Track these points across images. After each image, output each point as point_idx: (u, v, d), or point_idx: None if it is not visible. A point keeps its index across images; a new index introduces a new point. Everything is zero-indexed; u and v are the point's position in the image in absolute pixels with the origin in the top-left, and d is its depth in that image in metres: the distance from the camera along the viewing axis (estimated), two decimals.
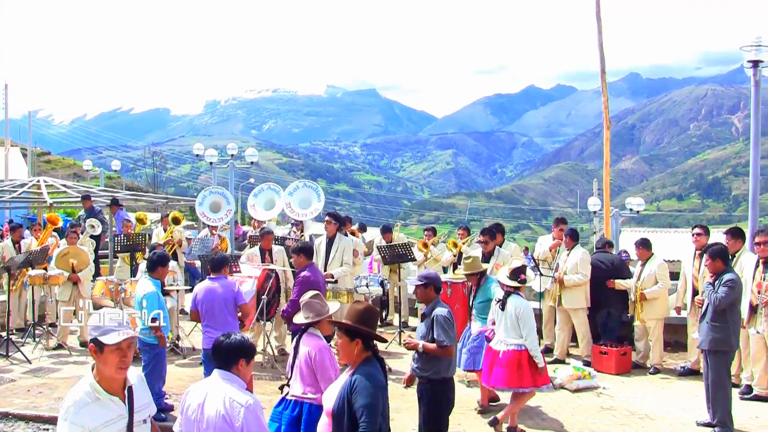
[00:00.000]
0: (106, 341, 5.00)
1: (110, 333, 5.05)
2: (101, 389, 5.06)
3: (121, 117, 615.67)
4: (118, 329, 5.10)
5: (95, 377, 5.10)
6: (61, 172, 68.89)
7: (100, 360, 5.06)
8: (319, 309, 7.70)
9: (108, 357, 5.02)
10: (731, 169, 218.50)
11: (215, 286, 10.45)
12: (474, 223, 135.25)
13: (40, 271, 15.06)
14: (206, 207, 19.37)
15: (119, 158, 59.37)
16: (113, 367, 5.05)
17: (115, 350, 5.01)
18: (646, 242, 14.13)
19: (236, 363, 5.63)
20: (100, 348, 5.03)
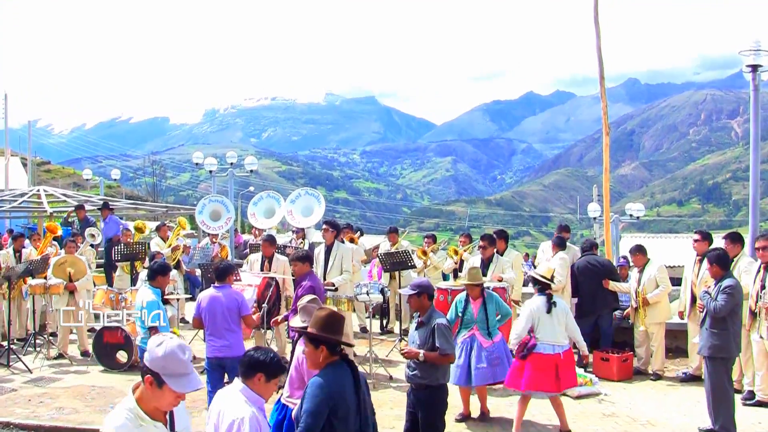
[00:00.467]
0: (173, 387, 4.64)
1: (178, 378, 4.66)
2: (144, 415, 4.69)
3: (121, 126, 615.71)
4: (186, 373, 4.72)
5: (138, 401, 4.72)
6: (61, 181, 68.84)
7: (154, 393, 4.66)
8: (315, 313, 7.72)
9: (165, 394, 4.67)
10: (731, 173, 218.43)
11: (219, 294, 10.45)
12: (474, 230, 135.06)
13: (41, 280, 15.05)
14: (206, 215, 19.39)
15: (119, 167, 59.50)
16: (166, 404, 4.75)
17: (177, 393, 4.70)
18: (642, 248, 14.16)
19: (253, 377, 5.61)
20: (160, 385, 4.64)
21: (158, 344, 4.72)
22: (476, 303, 10.85)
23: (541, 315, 10.13)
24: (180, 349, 4.75)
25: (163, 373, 4.60)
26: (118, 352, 13.97)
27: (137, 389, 4.75)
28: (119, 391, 12.56)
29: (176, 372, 4.65)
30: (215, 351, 10.31)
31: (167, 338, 4.83)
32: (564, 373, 10.11)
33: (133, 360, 13.58)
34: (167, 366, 4.62)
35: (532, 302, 10.33)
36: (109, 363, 13.97)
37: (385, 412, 11.25)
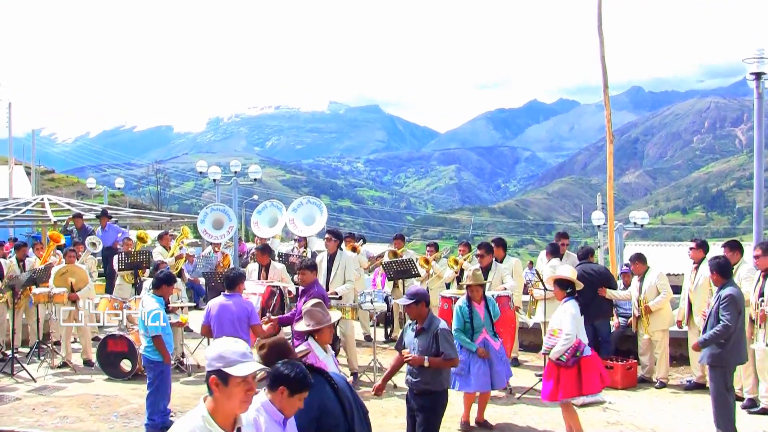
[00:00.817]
0: (234, 373, 4.57)
1: (237, 364, 4.61)
2: (215, 424, 4.61)
3: (124, 135, 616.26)
4: (244, 360, 4.66)
5: (209, 409, 4.64)
6: (65, 190, 68.94)
7: (222, 393, 4.61)
8: (320, 317, 7.69)
9: (233, 390, 4.60)
10: (735, 181, 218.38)
11: (229, 303, 10.47)
12: (478, 238, 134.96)
13: (44, 289, 15.06)
14: (208, 224, 19.39)
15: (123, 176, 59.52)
16: (238, 402, 4.64)
17: (242, 383, 4.59)
18: (641, 256, 14.20)
19: (276, 389, 5.60)
20: (225, 381, 4.59)
21: (210, 348, 4.84)
22: (480, 306, 10.87)
23: (578, 318, 10.16)
24: (231, 340, 4.90)
25: (224, 366, 4.59)
26: (122, 360, 13.96)
27: (206, 400, 4.70)
28: (123, 400, 12.58)
29: (235, 359, 4.62)
30: None
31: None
32: (602, 370, 10.24)
33: (137, 368, 13.57)
34: (224, 356, 4.63)
35: (569, 306, 10.28)
36: (113, 372, 13.95)
37: (389, 420, 11.26)
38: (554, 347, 10.03)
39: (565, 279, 10.50)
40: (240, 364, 4.60)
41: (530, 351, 16.15)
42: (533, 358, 15.60)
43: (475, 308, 10.79)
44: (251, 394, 4.69)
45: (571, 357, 10.01)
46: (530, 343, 16.36)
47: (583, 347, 10.05)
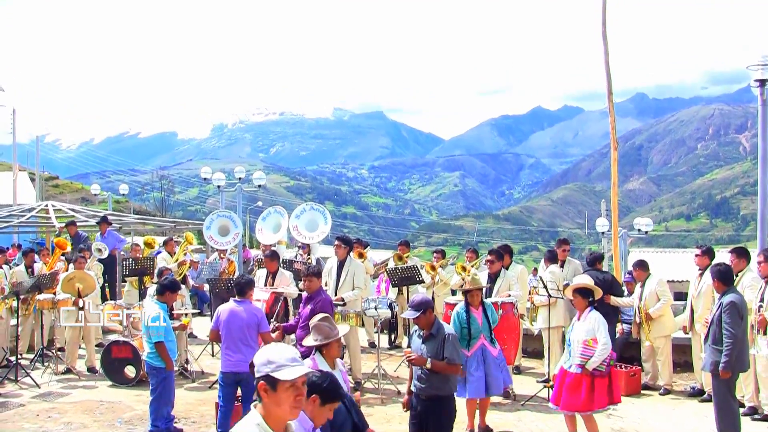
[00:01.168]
0: (282, 377, 4.47)
1: (285, 368, 4.50)
2: (270, 430, 4.50)
3: (129, 141, 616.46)
4: (292, 364, 4.55)
5: (263, 416, 4.54)
6: (69, 196, 68.93)
7: (272, 399, 4.50)
8: (327, 332, 7.68)
9: (282, 396, 4.50)
10: (739, 188, 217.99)
11: (240, 309, 10.44)
12: (482, 244, 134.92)
13: (49, 295, 15.07)
14: (214, 231, 19.37)
15: (127, 182, 59.37)
16: (288, 407, 4.53)
17: (291, 387, 4.49)
18: (642, 263, 14.20)
19: (308, 398, 5.61)
20: (273, 386, 4.49)
21: (259, 353, 4.70)
22: (478, 312, 10.80)
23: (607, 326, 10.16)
24: (280, 345, 4.86)
25: (272, 370, 4.49)
26: (127, 367, 13.96)
27: (257, 407, 4.59)
28: (127, 406, 12.60)
29: (283, 363, 4.51)
30: (231, 365, 10.27)
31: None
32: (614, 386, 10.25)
33: (141, 375, 13.57)
34: (273, 360, 4.53)
35: (598, 315, 10.25)
36: (117, 378, 13.97)
37: (393, 426, 11.27)
38: (592, 358, 9.98)
39: (586, 287, 10.46)
40: (288, 368, 4.51)
41: (534, 358, 16.16)
42: (537, 365, 15.61)
43: (473, 314, 10.72)
44: (301, 399, 4.61)
45: (607, 366, 10.02)
46: (534, 350, 16.36)
47: (614, 356, 10.09)
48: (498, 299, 12.67)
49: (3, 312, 15.62)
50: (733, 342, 9.94)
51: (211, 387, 13.63)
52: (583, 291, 10.43)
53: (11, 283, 15.62)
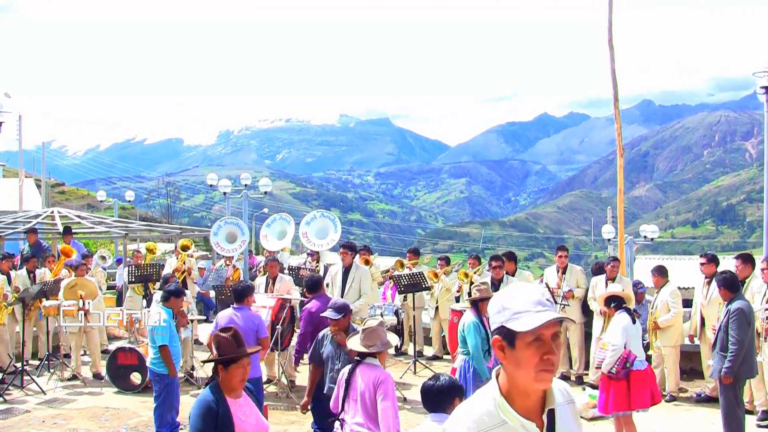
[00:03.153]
0: (519, 327, 3.27)
1: (524, 315, 3.28)
2: (510, 409, 3.34)
3: (135, 147, 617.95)
4: (536, 309, 3.30)
5: (501, 390, 3.40)
6: (75, 203, 69.15)
7: (510, 360, 3.35)
8: (384, 339, 7.64)
9: (521, 354, 3.30)
10: (745, 195, 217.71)
11: (238, 316, 10.45)
12: (488, 251, 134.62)
13: (55, 302, 15.07)
14: (221, 237, 19.37)
15: (133, 189, 59.37)
16: (532, 370, 3.28)
17: (534, 342, 3.27)
18: (662, 269, 14.07)
19: (451, 403, 5.63)
20: (511, 341, 3.34)
21: (493, 299, 3.51)
22: (487, 322, 10.33)
23: (630, 329, 10.12)
24: (523, 284, 3.82)
25: (506, 321, 3.34)
26: (132, 373, 13.95)
27: (499, 375, 3.45)
28: (133, 413, 12.58)
29: (521, 308, 3.31)
30: None
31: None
32: (654, 386, 10.19)
33: (146, 381, 13.56)
34: (507, 305, 3.39)
35: (620, 318, 10.27)
36: (123, 384, 13.96)
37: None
38: (604, 360, 10.03)
39: (615, 295, 10.55)
40: (529, 315, 3.29)
41: None
42: None
43: (486, 324, 10.30)
44: (551, 360, 3.30)
45: (621, 369, 9.99)
46: None
47: (633, 359, 10.01)
48: None
49: (7, 318, 15.63)
50: (737, 348, 9.94)
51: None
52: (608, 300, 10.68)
53: (14, 287, 15.60)
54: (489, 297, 10.44)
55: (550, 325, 3.26)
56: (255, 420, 6.27)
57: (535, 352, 3.24)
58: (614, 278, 14.35)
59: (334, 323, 8.76)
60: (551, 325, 3.26)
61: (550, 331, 3.26)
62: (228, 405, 6.05)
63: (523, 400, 3.34)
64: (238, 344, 6.32)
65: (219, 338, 6.30)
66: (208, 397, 6.04)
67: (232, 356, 6.18)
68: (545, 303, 3.31)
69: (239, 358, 6.21)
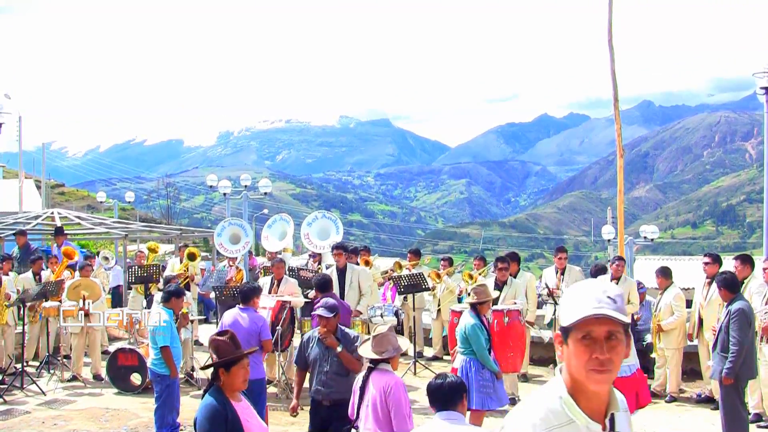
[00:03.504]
0: (566, 321, 3.12)
1: (577, 309, 3.05)
2: (577, 409, 3.12)
3: (135, 148, 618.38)
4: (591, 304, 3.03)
5: (567, 387, 3.17)
6: (75, 204, 69.06)
7: (565, 357, 3.17)
8: (396, 343, 7.65)
9: (572, 351, 3.11)
10: (745, 195, 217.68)
11: (243, 316, 10.45)
12: (488, 252, 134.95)
13: (55, 303, 15.06)
14: (225, 238, 19.35)
15: (133, 190, 59.34)
16: (582, 368, 3.06)
17: (583, 339, 3.05)
18: (666, 271, 14.07)
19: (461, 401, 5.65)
20: (566, 336, 3.14)
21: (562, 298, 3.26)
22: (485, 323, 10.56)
23: None
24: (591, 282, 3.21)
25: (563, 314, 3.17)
26: (132, 374, 13.95)
27: (562, 371, 3.23)
28: (133, 414, 12.59)
29: (577, 303, 3.09)
30: None
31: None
32: (641, 391, 10.14)
33: (147, 382, 13.55)
34: (569, 299, 3.17)
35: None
36: (123, 385, 13.96)
37: None
38: None
39: None
40: (579, 310, 3.07)
41: (540, 365, 16.14)
42: (544, 372, 15.58)
43: (485, 325, 10.44)
44: (600, 359, 3.04)
45: None
46: (540, 357, 16.35)
47: None
48: (504, 307, 12.63)
49: (9, 319, 15.62)
50: (738, 349, 9.93)
51: None
52: None
53: (17, 290, 15.59)
54: (488, 300, 10.48)
55: (603, 323, 3.04)
56: (257, 422, 6.29)
57: (584, 350, 3.05)
58: (619, 278, 14.34)
59: (325, 322, 8.65)
60: (604, 323, 3.04)
61: (603, 329, 3.04)
62: (234, 408, 6.06)
63: (587, 401, 3.14)
64: (236, 346, 6.33)
65: (217, 342, 6.30)
66: (214, 402, 6.04)
67: (233, 357, 6.17)
68: (603, 300, 3.06)
69: (239, 359, 6.20)
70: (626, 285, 14.09)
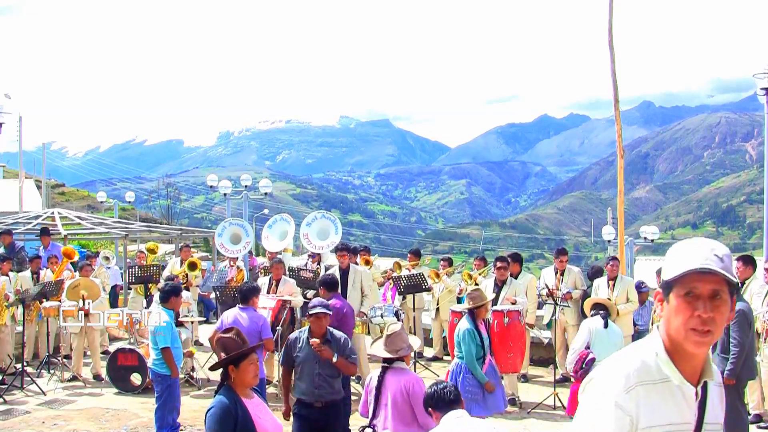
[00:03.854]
0: (669, 274, 2.94)
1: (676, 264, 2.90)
2: (674, 367, 2.95)
3: (135, 148, 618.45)
4: (698, 260, 2.85)
5: (664, 341, 3.00)
6: (76, 204, 68.95)
7: (665, 315, 3.00)
8: (407, 341, 7.68)
9: (673, 308, 2.94)
10: (745, 196, 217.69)
11: (243, 316, 10.48)
12: (488, 252, 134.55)
13: (55, 303, 15.06)
14: (226, 238, 19.34)
15: (133, 190, 59.34)
16: (681, 327, 2.89)
17: (685, 295, 2.88)
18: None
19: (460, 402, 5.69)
20: (667, 292, 2.97)
21: (669, 253, 3.03)
22: (483, 327, 10.48)
23: (597, 332, 10.12)
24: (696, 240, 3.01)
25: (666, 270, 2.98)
26: (132, 374, 13.95)
27: (659, 328, 3.06)
28: (133, 414, 12.57)
29: (683, 258, 2.91)
30: None
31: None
32: None
33: (146, 382, 13.55)
34: (675, 255, 2.99)
35: (589, 321, 10.39)
36: (123, 385, 13.95)
37: None
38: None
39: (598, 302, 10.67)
40: (685, 264, 2.88)
41: (540, 366, 16.13)
42: (544, 373, 15.56)
43: (481, 330, 10.37)
44: (703, 317, 2.85)
45: (578, 369, 10.02)
46: (540, 358, 16.34)
47: (590, 360, 9.99)
48: (504, 307, 12.63)
49: (8, 319, 15.61)
50: (739, 350, 9.93)
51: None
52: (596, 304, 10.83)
53: (16, 290, 15.58)
54: (484, 303, 10.48)
55: (708, 281, 2.86)
56: (270, 419, 6.28)
57: (686, 307, 2.87)
58: (615, 278, 14.31)
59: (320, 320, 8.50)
60: (709, 280, 2.86)
61: (708, 287, 2.86)
62: (245, 405, 6.04)
63: (682, 362, 2.97)
64: (243, 341, 6.30)
65: (224, 340, 6.24)
66: (224, 400, 6.00)
67: (242, 352, 6.13)
68: (711, 257, 2.87)
69: (248, 354, 6.17)
70: (624, 284, 14.23)
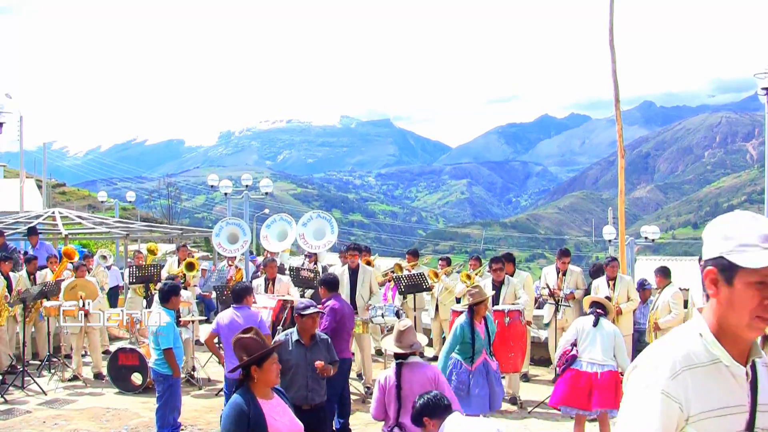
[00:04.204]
0: (746, 263, 2.76)
1: (752, 250, 2.76)
2: (722, 348, 2.88)
3: (136, 148, 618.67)
4: (765, 245, 2.75)
5: (712, 328, 2.93)
6: (76, 203, 69.03)
7: (723, 298, 2.87)
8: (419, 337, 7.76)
9: (737, 295, 2.82)
10: (746, 196, 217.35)
11: (238, 316, 10.48)
12: (489, 252, 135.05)
13: (55, 302, 15.05)
14: (223, 238, 19.35)
15: (134, 189, 59.43)
16: (746, 315, 2.80)
17: (755, 285, 2.77)
18: (665, 270, 14.13)
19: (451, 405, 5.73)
20: (729, 276, 2.82)
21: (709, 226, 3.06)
22: (481, 326, 10.38)
23: (586, 330, 10.10)
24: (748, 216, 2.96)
25: (728, 252, 2.84)
26: (133, 374, 13.94)
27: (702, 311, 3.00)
28: (134, 413, 12.57)
29: (749, 241, 2.79)
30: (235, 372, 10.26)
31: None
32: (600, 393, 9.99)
33: (147, 382, 13.55)
34: (731, 234, 2.88)
35: (580, 319, 10.41)
36: (123, 385, 13.95)
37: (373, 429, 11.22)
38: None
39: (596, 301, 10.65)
40: (757, 251, 2.76)
41: (541, 365, 16.13)
42: (544, 372, 15.57)
43: (477, 328, 10.29)
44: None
45: (561, 365, 10.07)
46: (540, 358, 16.33)
47: (572, 357, 9.99)
48: (505, 307, 12.65)
49: (7, 319, 15.62)
50: None
51: (218, 394, 13.62)
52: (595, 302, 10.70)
53: (17, 290, 15.56)
54: (483, 300, 10.48)
55: None
56: (288, 420, 6.25)
57: (755, 295, 2.76)
58: (615, 278, 14.33)
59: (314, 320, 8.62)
60: None
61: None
62: (260, 406, 6.03)
63: (730, 344, 2.88)
64: (264, 340, 6.29)
65: (245, 341, 6.20)
66: (239, 400, 6.00)
67: (266, 351, 6.12)
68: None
69: (271, 353, 6.18)
70: (623, 283, 14.28)
